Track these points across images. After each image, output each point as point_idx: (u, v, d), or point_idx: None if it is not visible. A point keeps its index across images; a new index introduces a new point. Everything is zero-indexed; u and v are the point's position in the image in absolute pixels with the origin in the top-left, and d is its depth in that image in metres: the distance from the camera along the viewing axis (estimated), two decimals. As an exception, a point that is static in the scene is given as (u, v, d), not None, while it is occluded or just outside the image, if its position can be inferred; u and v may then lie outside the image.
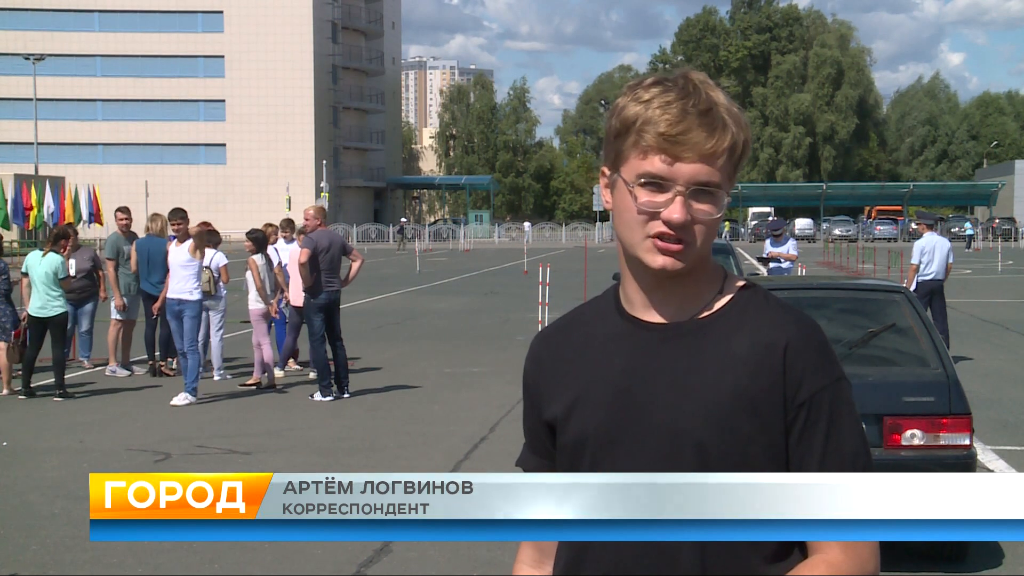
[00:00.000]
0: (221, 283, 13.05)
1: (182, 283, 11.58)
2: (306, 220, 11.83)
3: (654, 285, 1.75)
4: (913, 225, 62.63)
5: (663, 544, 1.65)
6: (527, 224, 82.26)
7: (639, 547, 1.68)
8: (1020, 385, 12.49)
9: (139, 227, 14.35)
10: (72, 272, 12.68)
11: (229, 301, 13.54)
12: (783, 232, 16.08)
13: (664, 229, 1.67)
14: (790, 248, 15.68)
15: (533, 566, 1.91)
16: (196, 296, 11.61)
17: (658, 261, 1.69)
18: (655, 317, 1.77)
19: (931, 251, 13.92)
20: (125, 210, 13.92)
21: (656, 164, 1.67)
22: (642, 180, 1.68)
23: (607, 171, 1.77)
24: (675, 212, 1.66)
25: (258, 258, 12.59)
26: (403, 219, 70.79)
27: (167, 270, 13.21)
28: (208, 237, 13.36)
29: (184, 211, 12.42)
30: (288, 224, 14.39)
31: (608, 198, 1.77)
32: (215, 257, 13.02)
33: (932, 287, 13.68)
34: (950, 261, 14.16)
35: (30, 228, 42.32)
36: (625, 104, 1.71)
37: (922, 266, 13.89)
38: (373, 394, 12.03)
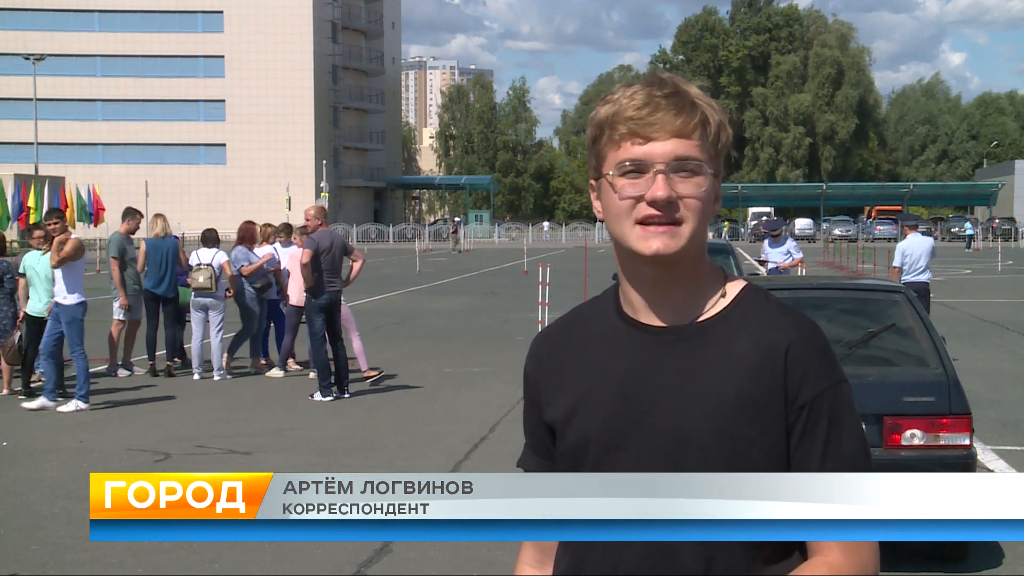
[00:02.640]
0: (222, 282, 13.09)
1: (55, 286, 10.99)
2: (307, 220, 11.82)
3: (653, 285, 1.74)
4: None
5: (664, 545, 1.65)
6: (545, 224, 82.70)
7: (640, 548, 1.68)
8: (1020, 385, 12.49)
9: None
10: None
11: (228, 301, 13.55)
12: (781, 232, 15.79)
13: (651, 211, 1.67)
14: (790, 249, 15.45)
15: (535, 566, 1.91)
16: (71, 300, 10.89)
17: (652, 245, 1.68)
18: (656, 320, 1.76)
19: (912, 253, 13.82)
20: (141, 214, 13.93)
21: (630, 149, 1.68)
22: (621, 168, 1.69)
23: (593, 182, 1.78)
24: (658, 190, 1.66)
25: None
26: (456, 219, 70.97)
27: (171, 270, 13.28)
28: (206, 235, 13.43)
29: (61, 211, 11.84)
30: (286, 228, 14.37)
31: (599, 206, 1.78)
32: (216, 255, 13.05)
33: (917, 289, 13.56)
34: (931, 260, 14.06)
35: (26, 228, 42.18)
36: (597, 111, 1.74)
37: (905, 268, 13.79)
38: (373, 394, 12.03)
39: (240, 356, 14.54)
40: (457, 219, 70.66)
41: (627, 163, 1.68)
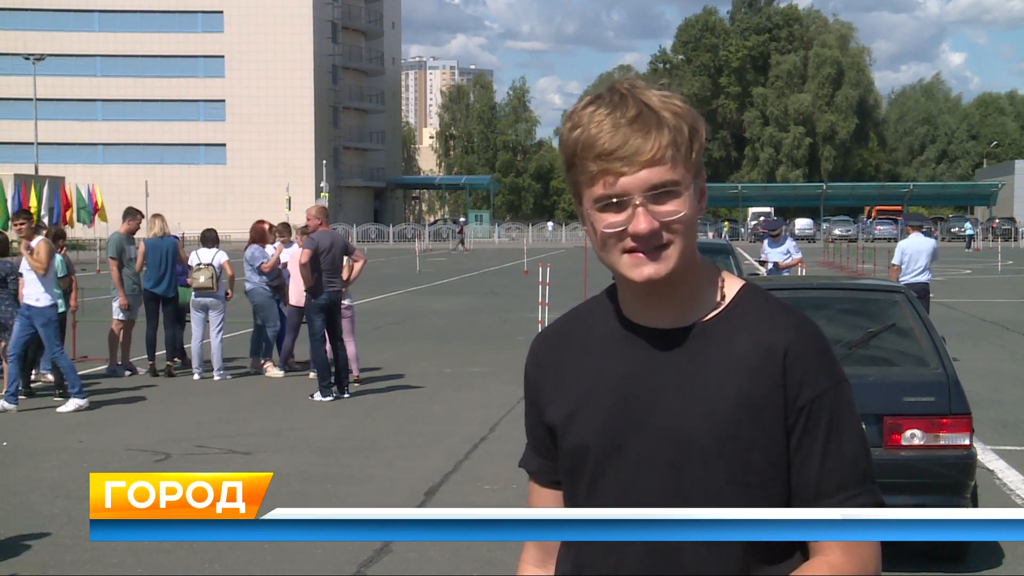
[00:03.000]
0: (222, 282, 13.09)
1: (26, 288, 10.92)
2: (308, 220, 11.84)
3: (649, 292, 1.74)
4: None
5: (666, 545, 1.66)
6: (550, 224, 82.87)
7: (642, 548, 1.68)
8: (1020, 385, 12.49)
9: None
10: None
11: (228, 301, 13.55)
12: (781, 232, 15.60)
13: (636, 243, 1.67)
14: (790, 249, 15.33)
15: (538, 566, 1.91)
16: (44, 303, 10.85)
17: (643, 273, 1.68)
18: (655, 322, 1.76)
19: (912, 253, 13.69)
20: (142, 214, 13.94)
21: (604, 187, 1.66)
22: (599, 205, 1.68)
23: (575, 201, 1.78)
24: (639, 224, 1.65)
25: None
26: (463, 219, 71.55)
27: (170, 269, 13.28)
28: (206, 235, 13.43)
29: (29, 213, 11.74)
30: (285, 228, 14.35)
31: (584, 226, 1.77)
32: (217, 255, 13.05)
33: (917, 289, 13.39)
34: (932, 261, 13.85)
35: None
36: (566, 136, 1.72)
37: (904, 267, 13.68)
38: (373, 394, 12.03)
39: (241, 356, 14.55)
40: (463, 220, 71.13)
41: (604, 201, 1.67)
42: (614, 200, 1.66)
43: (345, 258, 11.85)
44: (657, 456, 1.69)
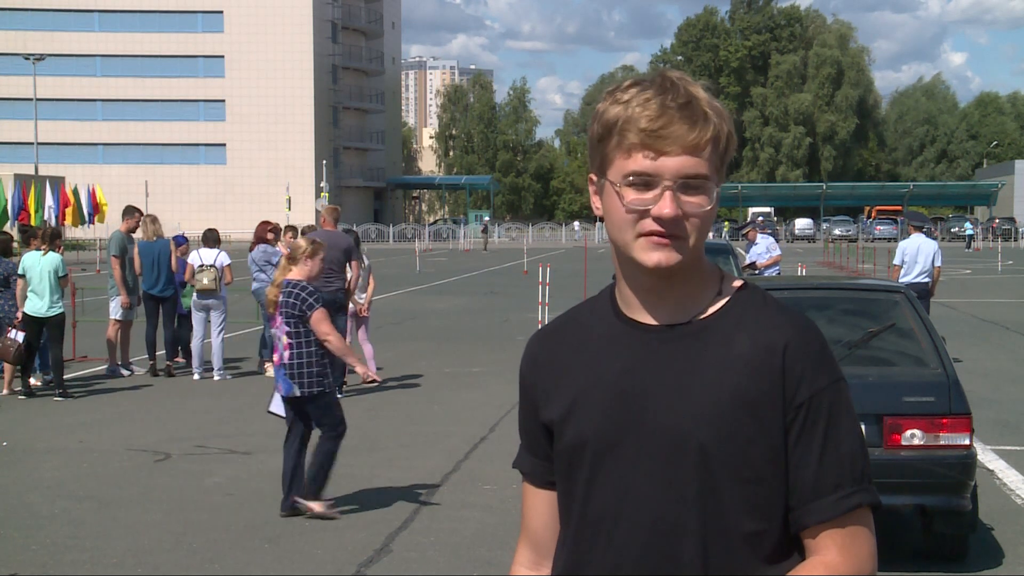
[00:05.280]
0: (223, 282, 13.09)
1: None
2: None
3: (650, 287, 1.74)
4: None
5: (665, 543, 1.66)
6: (576, 223, 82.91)
7: (641, 547, 1.68)
8: (1020, 385, 12.49)
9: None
10: None
11: (229, 301, 13.56)
12: (750, 232, 15.31)
13: (655, 227, 1.66)
14: (768, 247, 15.20)
15: (530, 567, 1.91)
16: None
17: (653, 258, 1.67)
18: (653, 319, 1.75)
19: (913, 253, 13.60)
20: (141, 212, 13.92)
21: (640, 161, 1.65)
22: (628, 179, 1.67)
23: (594, 177, 1.76)
24: (665, 207, 1.64)
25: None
26: (486, 218, 71.88)
27: (165, 270, 13.29)
28: (207, 235, 13.43)
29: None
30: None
31: (598, 204, 1.76)
32: (219, 256, 13.05)
33: (917, 290, 13.33)
34: (937, 264, 13.61)
35: (24, 227, 42.09)
36: (605, 108, 1.70)
37: (904, 268, 13.64)
38: (373, 394, 12.02)
39: (242, 356, 14.55)
40: (487, 219, 71.50)
41: (636, 176, 1.67)
42: (645, 182, 1.66)
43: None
44: (654, 452, 1.69)
